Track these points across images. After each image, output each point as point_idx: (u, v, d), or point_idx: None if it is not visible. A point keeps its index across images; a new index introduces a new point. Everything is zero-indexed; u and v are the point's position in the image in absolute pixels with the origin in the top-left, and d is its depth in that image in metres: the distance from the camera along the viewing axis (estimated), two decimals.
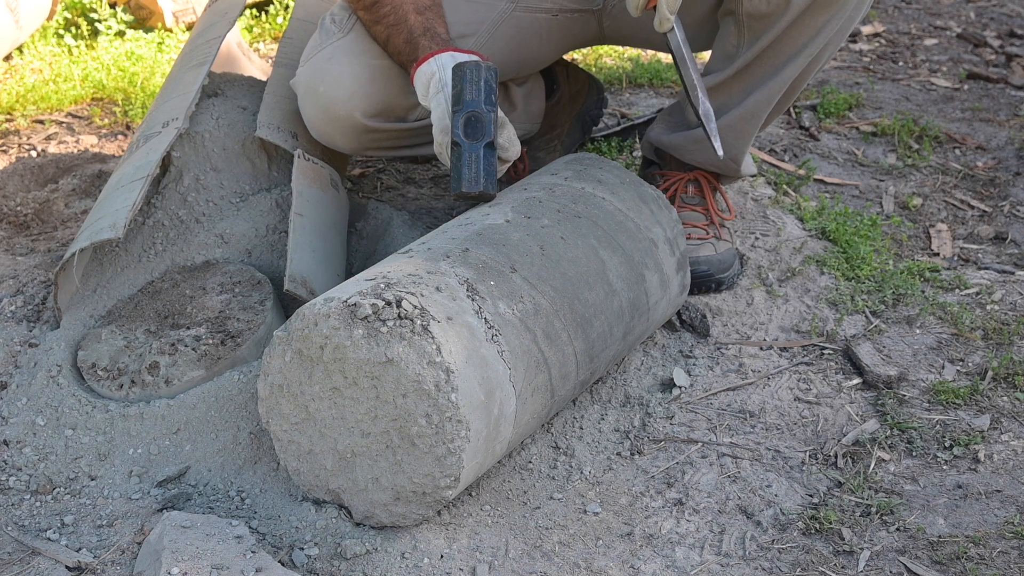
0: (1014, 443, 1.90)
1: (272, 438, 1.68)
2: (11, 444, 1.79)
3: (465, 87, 1.86)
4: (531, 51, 2.26)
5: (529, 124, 2.50)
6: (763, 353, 2.11)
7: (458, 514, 1.69)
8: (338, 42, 2.06)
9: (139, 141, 2.15)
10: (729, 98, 2.17)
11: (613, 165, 2.05)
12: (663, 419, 1.94)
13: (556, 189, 1.94)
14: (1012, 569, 1.63)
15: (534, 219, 1.83)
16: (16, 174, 2.62)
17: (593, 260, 1.82)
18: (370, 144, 2.13)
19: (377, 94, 2.05)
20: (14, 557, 1.61)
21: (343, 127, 2.07)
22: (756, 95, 2.15)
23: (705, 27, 2.20)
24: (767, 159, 2.87)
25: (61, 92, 3.09)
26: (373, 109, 2.06)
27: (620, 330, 1.86)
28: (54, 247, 2.32)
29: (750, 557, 1.65)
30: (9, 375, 1.90)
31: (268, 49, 3.60)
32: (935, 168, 2.90)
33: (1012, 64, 3.67)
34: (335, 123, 2.06)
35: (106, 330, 1.93)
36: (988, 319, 2.22)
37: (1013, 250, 2.53)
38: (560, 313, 1.73)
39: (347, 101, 2.03)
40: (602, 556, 1.64)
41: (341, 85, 2.03)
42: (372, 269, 1.71)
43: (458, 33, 2.09)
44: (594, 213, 1.90)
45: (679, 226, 2.02)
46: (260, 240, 2.12)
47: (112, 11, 3.57)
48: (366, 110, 2.05)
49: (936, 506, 1.76)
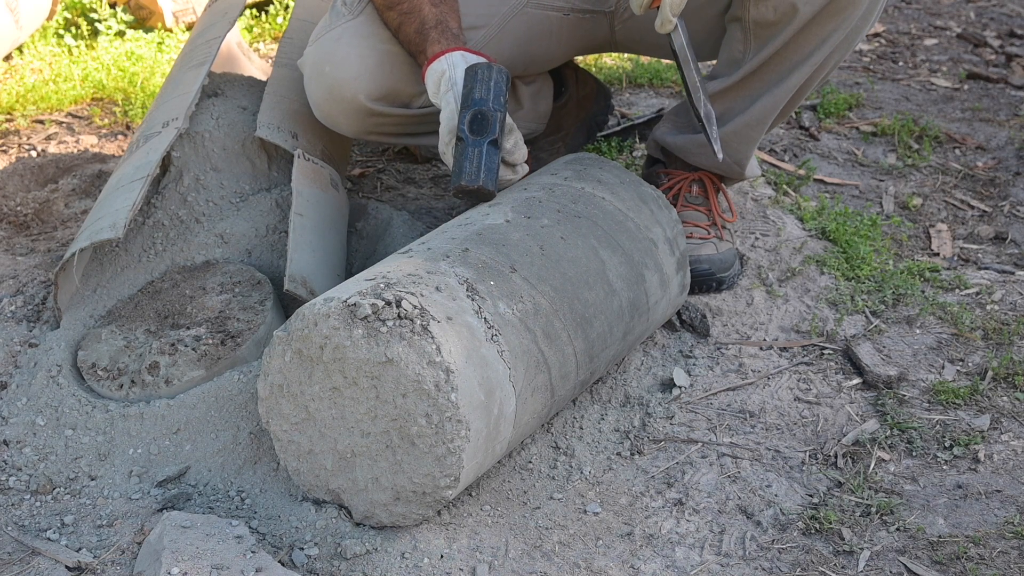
0: (1014, 443, 1.90)
1: (272, 438, 1.68)
2: (11, 444, 1.79)
3: (476, 86, 1.86)
4: (541, 49, 2.26)
5: (535, 124, 2.50)
6: (763, 353, 2.11)
7: (458, 514, 1.69)
8: (347, 23, 2.06)
9: (139, 141, 2.15)
10: (735, 103, 2.17)
11: (613, 165, 2.05)
12: (663, 419, 1.94)
13: (556, 189, 1.94)
14: (1012, 569, 1.63)
15: (534, 219, 1.83)
16: (16, 174, 2.62)
17: (593, 260, 1.82)
18: (373, 128, 2.12)
19: (383, 78, 2.05)
20: (14, 557, 1.61)
21: (347, 108, 2.06)
22: (761, 101, 2.15)
23: (713, 32, 2.19)
24: (767, 159, 2.86)
25: (61, 92, 3.09)
26: (378, 92, 2.05)
27: (620, 330, 1.86)
28: (54, 247, 2.32)
29: (750, 557, 1.65)
30: (9, 375, 1.90)
31: (268, 49, 3.60)
32: (935, 168, 2.90)
33: (1012, 64, 3.67)
34: (339, 104, 2.06)
35: (106, 330, 1.93)
36: (988, 319, 2.22)
37: (1013, 250, 2.53)
38: (560, 313, 1.73)
39: (352, 82, 2.03)
40: (602, 556, 1.64)
41: (347, 66, 2.03)
42: (372, 269, 1.71)
43: (469, 24, 2.09)
44: (594, 213, 1.90)
45: (679, 226, 2.02)
46: (260, 240, 2.12)
47: (112, 11, 3.57)
48: (371, 93, 2.04)
49: (936, 506, 1.76)
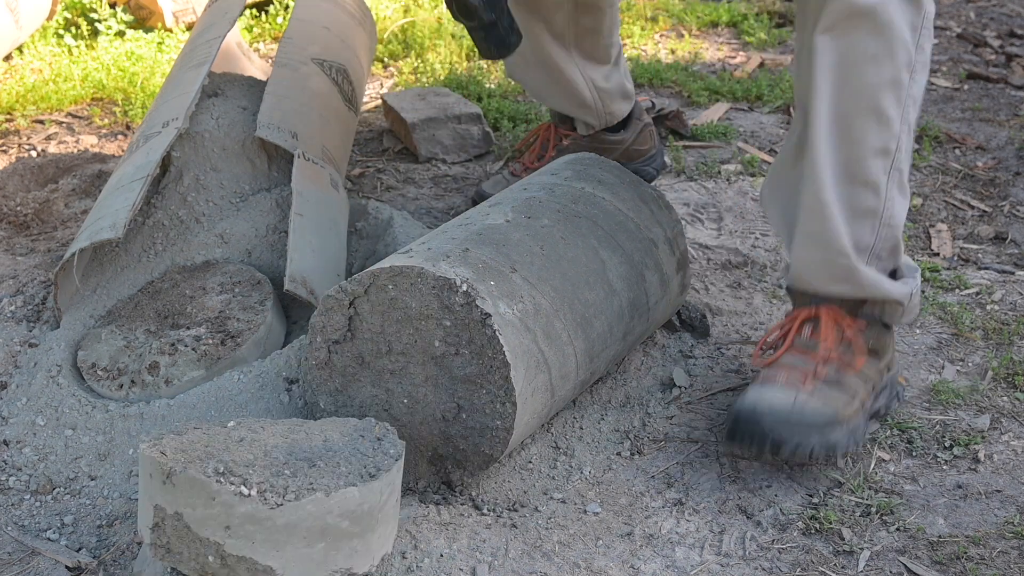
0: (1014, 443, 1.90)
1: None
2: (11, 444, 1.79)
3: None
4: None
5: (602, 117, 2.47)
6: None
7: (458, 514, 1.69)
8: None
9: (139, 141, 2.15)
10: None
11: (613, 165, 2.05)
12: (663, 419, 1.94)
13: (556, 189, 1.94)
14: (1012, 569, 1.63)
15: (534, 219, 1.83)
16: (16, 174, 2.62)
17: (593, 260, 1.82)
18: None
19: None
20: (14, 557, 1.61)
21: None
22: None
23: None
24: (767, 159, 2.87)
25: (61, 92, 3.09)
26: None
27: (620, 330, 1.86)
28: (54, 247, 2.32)
29: (750, 557, 1.65)
30: (9, 375, 1.90)
31: (268, 49, 3.60)
32: (935, 168, 2.90)
33: (1012, 64, 3.67)
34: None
35: (106, 330, 1.93)
36: (988, 319, 2.22)
37: (1013, 250, 2.53)
38: (560, 313, 1.73)
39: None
40: (602, 556, 1.64)
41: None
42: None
43: None
44: (594, 213, 1.90)
45: (679, 226, 2.02)
46: (260, 240, 2.13)
47: (112, 11, 3.57)
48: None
49: (936, 506, 1.76)
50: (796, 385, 1.75)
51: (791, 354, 1.80)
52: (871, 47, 1.68)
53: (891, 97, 1.70)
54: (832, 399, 1.75)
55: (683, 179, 2.75)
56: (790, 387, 1.74)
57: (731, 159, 2.87)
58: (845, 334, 1.80)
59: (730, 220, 2.56)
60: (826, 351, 1.78)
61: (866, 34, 1.68)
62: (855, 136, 1.72)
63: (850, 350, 1.79)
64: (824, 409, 1.73)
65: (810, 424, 1.71)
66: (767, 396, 1.73)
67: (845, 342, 1.79)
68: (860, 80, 1.70)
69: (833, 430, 1.72)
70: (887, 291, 1.79)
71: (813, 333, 1.80)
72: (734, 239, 2.48)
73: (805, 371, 1.77)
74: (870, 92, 1.70)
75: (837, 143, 1.72)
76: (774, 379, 1.76)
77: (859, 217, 1.75)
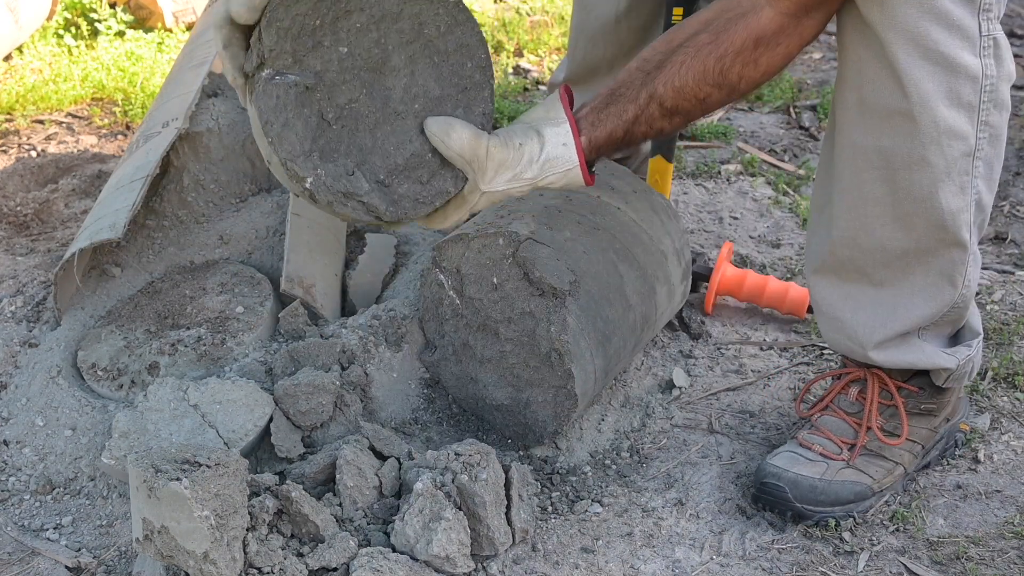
0: (1014, 443, 1.90)
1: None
2: (11, 444, 1.79)
3: None
4: None
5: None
6: (763, 353, 2.11)
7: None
8: None
9: (139, 141, 2.15)
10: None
11: (623, 171, 2.03)
12: (663, 419, 1.94)
13: (573, 197, 1.91)
14: (1012, 569, 1.63)
15: (556, 231, 1.82)
16: (16, 174, 2.62)
17: (613, 275, 1.81)
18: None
19: None
20: (14, 557, 1.61)
21: None
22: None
23: None
24: (767, 159, 2.87)
25: (61, 92, 3.09)
26: None
27: (632, 343, 1.86)
28: (54, 247, 2.32)
29: (750, 557, 1.65)
30: (9, 375, 1.90)
31: None
32: None
33: None
34: None
35: (106, 330, 1.93)
36: (988, 319, 2.22)
37: (1013, 250, 2.52)
38: (585, 332, 1.73)
39: None
40: (602, 556, 1.64)
41: None
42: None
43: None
44: (611, 224, 1.87)
45: (685, 236, 2.01)
46: (260, 241, 2.12)
47: (112, 11, 3.57)
48: None
49: (936, 506, 1.76)
50: (830, 456, 1.71)
51: (833, 415, 1.75)
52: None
53: (953, 188, 1.53)
54: (870, 470, 1.71)
55: (683, 179, 2.75)
56: (823, 458, 1.70)
57: (731, 159, 2.87)
58: (893, 399, 1.73)
59: (730, 220, 2.56)
60: (869, 419, 1.72)
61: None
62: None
63: (896, 416, 1.73)
64: (858, 481, 1.69)
65: (835, 500, 1.68)
66: (796, 466, 1.69)
67: (891, 408, 1.73)
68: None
69: (865, 501, 1.71)
70: (937, 362, 1.68)
71: (859, 395, 1.74)
72: (734, 239, 2.48)
73: (843, 440, 1.72)
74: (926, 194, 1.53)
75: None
76: (809, 445, 1.72)
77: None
